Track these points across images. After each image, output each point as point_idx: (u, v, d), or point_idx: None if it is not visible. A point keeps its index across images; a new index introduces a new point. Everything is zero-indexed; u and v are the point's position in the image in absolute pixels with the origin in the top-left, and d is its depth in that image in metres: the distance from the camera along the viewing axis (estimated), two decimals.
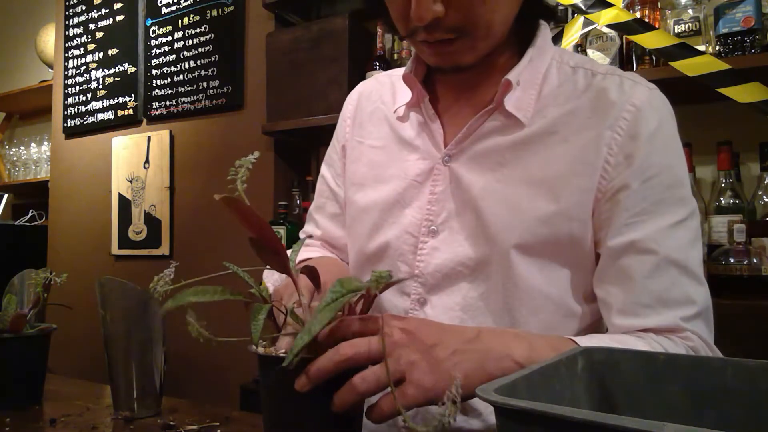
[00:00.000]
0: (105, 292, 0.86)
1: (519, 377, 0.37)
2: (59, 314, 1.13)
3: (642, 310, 0.66)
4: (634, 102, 0.69)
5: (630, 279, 0.67)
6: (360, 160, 0.86)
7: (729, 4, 1.32)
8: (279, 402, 0.55)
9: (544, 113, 0.72)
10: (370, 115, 0.87)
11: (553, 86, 0.73)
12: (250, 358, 0.58)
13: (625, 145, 0.67)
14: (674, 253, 0.66)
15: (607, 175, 0.68)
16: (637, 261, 0.66)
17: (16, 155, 3.33)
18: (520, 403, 0.32)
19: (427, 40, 0.67)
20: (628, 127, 0.68)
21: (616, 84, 0.71)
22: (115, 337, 0.86)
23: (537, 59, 0.74)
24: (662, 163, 0.68)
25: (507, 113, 0.72)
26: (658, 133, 0.68)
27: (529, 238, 0.70)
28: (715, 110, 1.50)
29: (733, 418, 0.40)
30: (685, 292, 0.67)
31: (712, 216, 1.40)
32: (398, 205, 0.79)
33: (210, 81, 2.32)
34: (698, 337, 0.66)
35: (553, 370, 0.41)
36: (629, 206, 0.67)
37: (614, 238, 0.68)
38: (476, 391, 0.36)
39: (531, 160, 0.71)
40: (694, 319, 0.67)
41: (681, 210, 0.67)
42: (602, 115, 0.69)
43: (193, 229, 2.37)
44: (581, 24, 1.46)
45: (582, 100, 0.71)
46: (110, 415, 0.86)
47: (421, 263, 0.76)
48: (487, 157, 0.73)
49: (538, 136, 0.71)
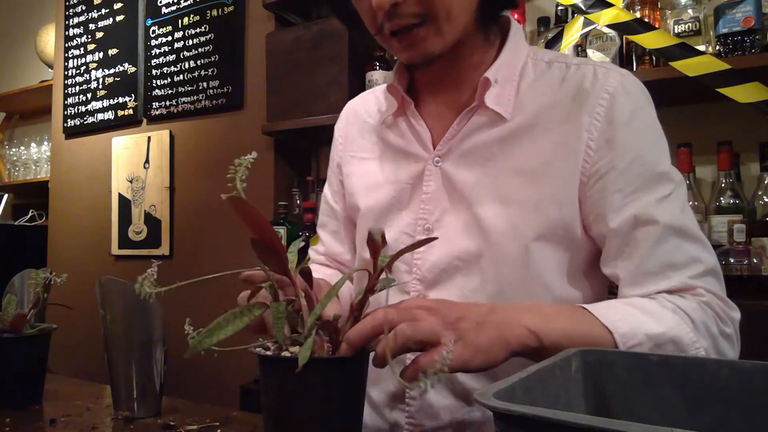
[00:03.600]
0: (105, 292, 0.87)
1: (516, 381, 0.37)
2: (59, 314, 1.13)
3: (650, 278, 0.69)
4: (607, 89, 0.72)
5: (636, 250, 0.69)
6: (355, 174, 0.90)
7: (729, 4, 1.32)
8: (281, 401, 0.55)
9: (524, 107, 0.75)
10: (360, 131, 0.91)
11: (530, 81, 0.76)
12: (250, 359, 0.59)
13: (605, 130, 0.71)
14: (673, 221, 0.69)
15: (590, 159, 0.71)
16: (641, 233, 0.69)
17: (16, 155, 3.33)
18: (521, 409, 0.31)
19: (393, 30, 0.70)
20: (605, 112, 0.71)
21: (591, 73, 0.74)
22: (115, 337, 0.86)
23: (512, 57, 0.77)
24: (642, 143, 0.71)
25: (489, 110, 0.75)
26: (634, 115, 0.71)
27: (520, 226, 0.72)
28: (715, 110, 1.50)
29: (728, 419, 0.40)
30: (689, 254, 0.69)
31: (712, 216, 1.40)
32: (393, 208, 0.82)
33: (210, 81, 2.33)
34: (709, 292, 0.68)
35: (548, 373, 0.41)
36: (621, 187, 0.70)
37: (615, 218, 0.70)
38: (475, 396, 0.35)
39: (516, 152, 0.74)
40: (704, 276, 0.68)
41: (668, 184, 0.70)
42: (580, 103, 0.72)
43: (193, 229, 2.37)
44: (581, 24, 1.46)
45: (560, 92, 0.74)
46: (110, 415, 0.86)
47: (419, 260, 0.78)
48: (475, 154, 0.76)
49: (521, 129, 0.74)
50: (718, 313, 0.68)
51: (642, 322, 0.63)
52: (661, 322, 0.63)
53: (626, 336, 0.61)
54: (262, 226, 0.53)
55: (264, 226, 0.53)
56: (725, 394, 0.41)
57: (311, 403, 0.53)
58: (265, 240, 0.54)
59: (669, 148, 0.74)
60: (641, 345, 0.61)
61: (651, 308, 0.65)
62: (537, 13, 1.76)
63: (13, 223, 3.14)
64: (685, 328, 0.64)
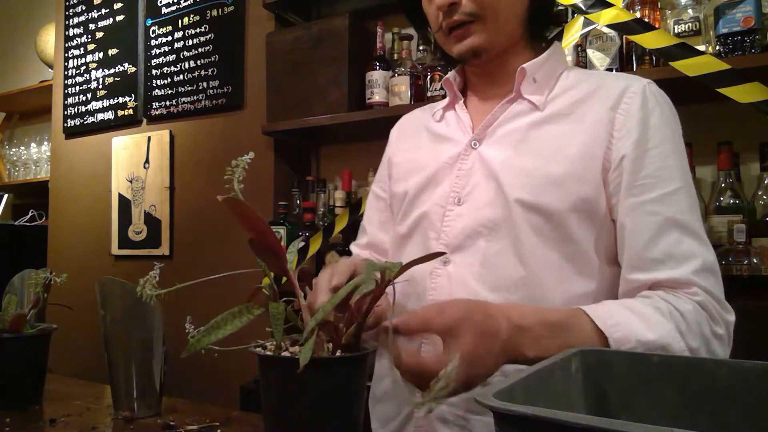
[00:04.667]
0: (105, 292, 0.87)
1: (516, 381, 0.37)
2: (59, 314, 1.13)
3: (653, 265, 0.73)
4: (635, 90, 0.81)
5: (639, 236, 0.75)
6: (402, 163, 1.00)
7: (729, 4, 1.32)
8: (281, 401, 0.55)
9: (557, 101, 0.85)
10: (410, 130, 1.03)
11: (566, 84, 0.86)
12: (250, 359, 0.58)
13: (627, 122, 0.79)
14: (677, 215, 0.74)
15: (612, 146, 0.78)
16: (645, 221, 0.75)
17: (16, 155, 3.33)
18: (521, 409, 0.31)
19: (450, 26, 0.83)
20: (629, 109, 0.79)
21: (622, 77, 0.84)
22: (115, 337, 0.86)
23: (552, 62, 0.88)
24: (659, 138, 0.78)
25: (525, 100, 0.86)
26: (655, 113, 0.79)
27: (542, 198, 0.78)
28: (715, 110, 1.49)
29: (728, 419, 0.40)
30: (691, 249, 0.73)
31: (712, 216, 1.40)
32: (431, 184, 0.90)
33: (210, 81, 2.32)
34: (705, 292, 0.72)
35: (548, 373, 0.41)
36: (633, 172, 0.76)
37: (624, 200, 0.77)
38: (475, 396, 0.35)
39: (545, 136, 0.82)
40: (703, 272, 0.72)
41: (678, 179, 0.76)
42: (609, 100, 0.81)
43: (193, 229, 2.37)
44: (581, 24, 1.46)
45: (593, 94, 0.83)
46: (110, 415, 0.86)
47: (447, 227, 0.86)
48: (509, 138, 0.85)
49: (552, 117, 0.83)
50: (712, 315, 0.71)
51: (636, 328, 0.67)
52: (654, 328, 0.67)
53: (619, 341, 0.65)
54: (259, 227, 0.53)
55: (261, 227, 0.53)
56: (725, 394, 0.41)
57: (311, 403, 0.53)
58: (263, 240, 0.54)
59: None
60: (634, 350, 0.64)
61: (646, 312, 0.69)
62: None
63: (13, 223, 3.14)
64: (677, 336, 0.67)
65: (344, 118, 1.85)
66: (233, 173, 0.54)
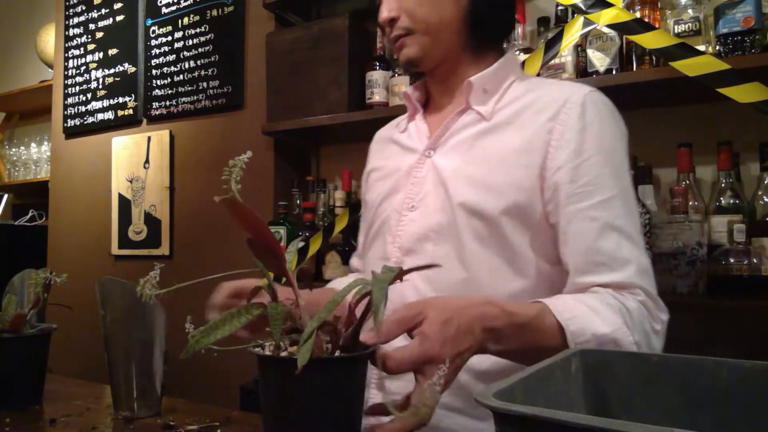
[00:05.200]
0: (105, 292, 0.87)
1: (516, 381, 0.37)
2: (59, 314, 1.13)
3: (598, 268, 0.79)
4: (574, 100, 0.85)
5: (583, 241, 0.80)
6: (374, 172, 1.07)
7: (729, 4, 1.31)
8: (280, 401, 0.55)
9: (504, 111, 0.91)
10: (383, 142, 1.10)
11: (514, 94, 0.92)
12: (250, 359, 0.58)
13: (566, 132, 0.84)
14: (615, 220, 0.80)
15: (550, 156, 0.84)
16: (586, 226, 0.80)
17: (16, 155, 3.33)
18: (521, 409, 0.31)
19: (391, 38, 0.94)
20: (568, 120, 0.84)
21: (566, 87, 0.90)
22: (115, 337, 0.86)
23: (500, 73, 0.94)
24: (596, 147, 0.83)
25: (474, 111, 0.92)
26: (594, 123, 0.84)
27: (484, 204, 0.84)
28: (715, 110, 1.49)
29: (728, 419, 0.40)
30: (630, 252, 0.80)
31: (712, 216, 1.40)
32: (392, 192, 0.97)
33: (210, 81, 2.32)
34: (645, 293, 0.79)
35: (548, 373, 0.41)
36: (571, 181, 0.82)
37: (564, 207, 0.82)
38: (475, 396, 0.36)
39: (490, 145, 0.88)
40: (642, 275, 0.79)
41: (614, 187, 0.82)
42: (550, 110, 0.86)
43: (193, 229, 2.37)
44: (581, 24, 1.46)
45: (536, 100, 0.89)
46: (110, 415, 0.86)
47: (401, 232, 0.92)
48: (458, 147, 0.91)
49: (497, 127, 0.90)
50: (652, 313, 0.79)
51: (591, 321, 0.72)
52: (607, 322, 0.73)
53: (575, 334, 0.71)
54: (257, 227, 0.53)
55: (260, 226, 0.53)
56: (725, 394, 0.41)
57: (311, 403, 0.53)
58: (261, 240, 0.53)
59: (669, 147, 0.77)
60: (588, 343, 0.71)
61: (599, 308, 0.74)
62: (537, 13, 1.76)
63: (13, 223, 3.14)
64: (626, 331, 0.73)
65: (344, 118, 1.85)
66: (230, 173, 0.54)
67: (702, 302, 1.32)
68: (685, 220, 1.35)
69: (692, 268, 1.33)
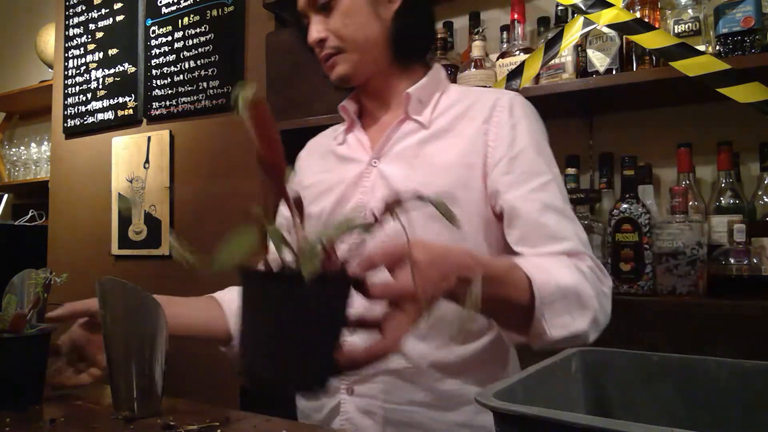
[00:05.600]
0: (105, 292, 0.86)
1: (516, 381, 0.37)
2: None
3: (545, 240, 0.86)
4: (503, 104, 0.95)
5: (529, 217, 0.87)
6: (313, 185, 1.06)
7: (729, 4, 1.31)
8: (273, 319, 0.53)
9: (441, 119, 0.98)
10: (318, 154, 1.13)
11: (446, 102, 1.00)
12: None
13: (500, 132, 0.93)
14: (553, 201, 0.89)
15: (489, 154, 0.93)
16: (530, 206, 0.88)
17: (16, 155, 3.33)
18: (521, 409, 0.31)
19: (322, 57, 1.01)
20: (499, 121, 0.94)
21: (493, 93, 0.99)
22: (115, 337, 0.86)
23: (433, 83, 1.01)
24: (527, 140, 0.92)
25: (413, 120, 0.99)
26: (522, 121, 0.94)
27: None
28: (715, 110, 1.49)
29: (728, 419, 0.40)
30: (571, 227, 0.88)
31: (712, 216, 1.40)
32: (342, 202, 1.00)
33: (210, 81, 2.32)
34: (591, 259, 0.86)
35: (548, 373, 0.41)
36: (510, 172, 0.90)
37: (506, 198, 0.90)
38: (475, 396, 0.35)
39: (433, 152, 0.95)
40: (586, 246, 0.88)
41: (545, 175, 0.91)
42: (483, 114, 0.95)
43: (193, 229, 2.37)
44: (581, 24, 1.46)
45: (468, 108, 0.97)
46: (110, 415, 0.86)
47: None
48: (403, 155, 0.97)
49: (437, 133, 0.97)
50: (599, 277, 0.86)
51: (554, 274, 0.78)
52: (567, 277, 0.79)
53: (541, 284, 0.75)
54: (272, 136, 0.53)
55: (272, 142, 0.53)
56: (725, 394, 0.41)
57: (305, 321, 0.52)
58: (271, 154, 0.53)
59: (669, 147, 0.78)
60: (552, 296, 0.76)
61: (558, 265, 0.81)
62: (537, 13, 1.76)
63: (13, 223, 3.14)
64: (587, 285, 0.81)
65: None
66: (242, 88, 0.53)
67: (702, 302, 1.32)
68: (685, 220, 1.35)
69: (692, 268, 1.33)
